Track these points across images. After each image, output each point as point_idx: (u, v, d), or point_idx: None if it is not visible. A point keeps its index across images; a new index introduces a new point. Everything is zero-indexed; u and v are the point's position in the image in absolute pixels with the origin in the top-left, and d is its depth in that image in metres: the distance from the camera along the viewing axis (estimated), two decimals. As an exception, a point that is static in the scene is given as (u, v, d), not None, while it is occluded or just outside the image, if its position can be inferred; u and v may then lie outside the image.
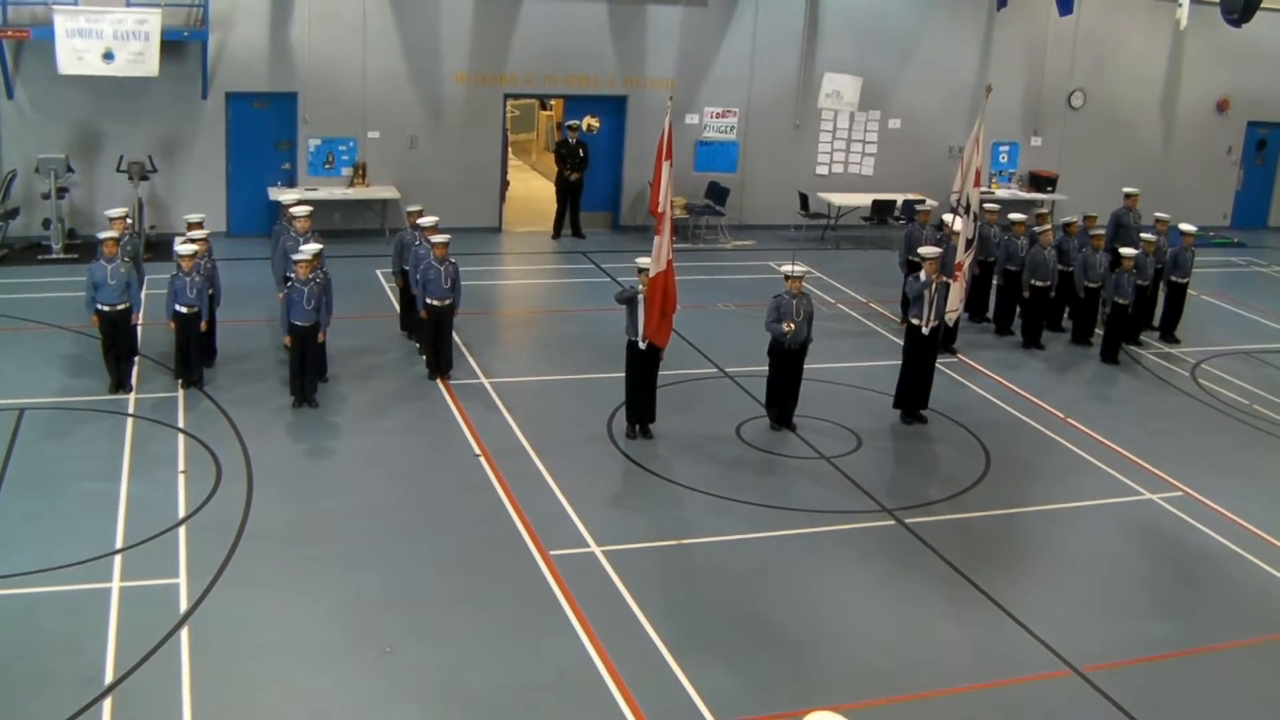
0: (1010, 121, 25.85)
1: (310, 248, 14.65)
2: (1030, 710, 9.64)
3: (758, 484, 13.13)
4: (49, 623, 9.87)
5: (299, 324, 14.18)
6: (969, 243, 15.58)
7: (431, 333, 15.34)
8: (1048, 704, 9.72)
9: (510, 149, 25.61)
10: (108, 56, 18.75)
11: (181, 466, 12.69)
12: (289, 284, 14.37)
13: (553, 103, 28.79)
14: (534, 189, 27.62)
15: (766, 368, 14.54)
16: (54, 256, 19.73)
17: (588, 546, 11.58)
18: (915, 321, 14.77)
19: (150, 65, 19.01)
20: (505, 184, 24.22)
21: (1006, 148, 25.95)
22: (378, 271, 19.63)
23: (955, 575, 11.48)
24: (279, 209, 16.99)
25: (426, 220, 16.06)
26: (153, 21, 18.86)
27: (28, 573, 10.48)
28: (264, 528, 11.57)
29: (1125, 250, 17.80)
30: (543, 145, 30.88)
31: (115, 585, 10.44)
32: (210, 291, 14.82)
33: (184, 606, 10.16)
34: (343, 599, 10.51)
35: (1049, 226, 18.50)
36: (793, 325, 14.01)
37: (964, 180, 15.50)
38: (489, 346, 16.80)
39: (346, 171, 22.11)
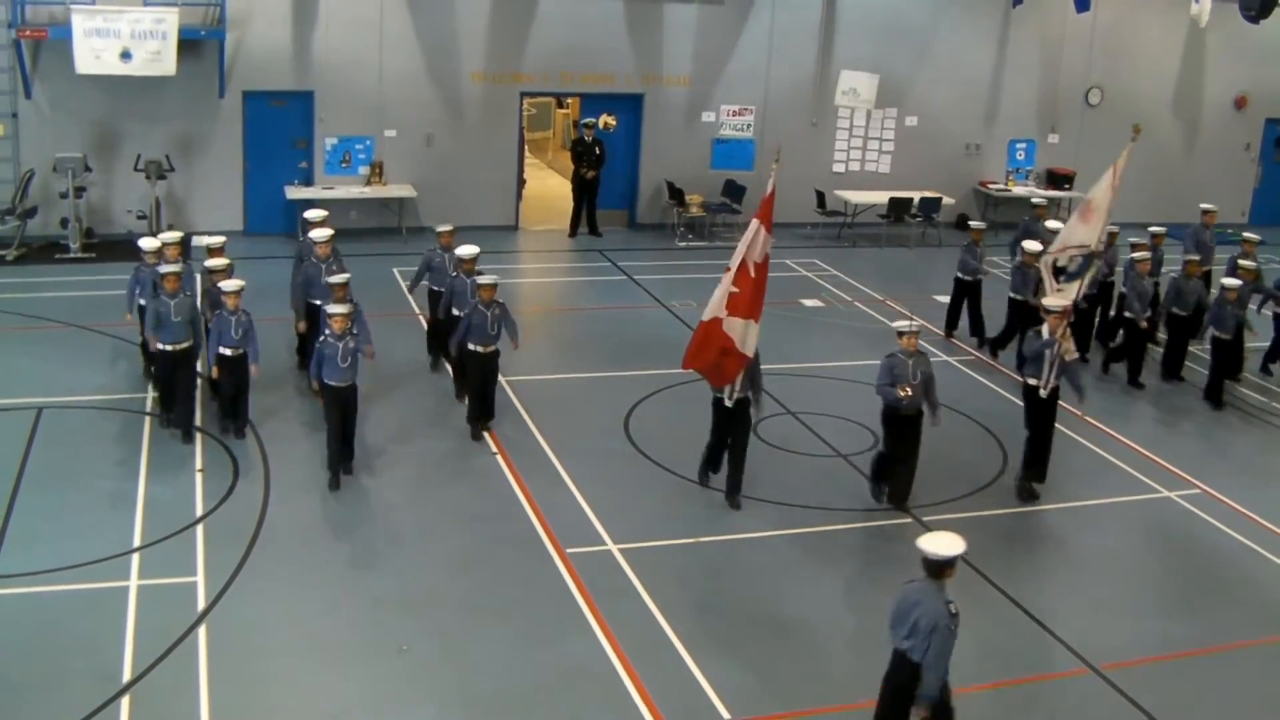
0: (1027, 118, 25.78)
1: (339, 277, 13.39)
2: (1048, 708, 9.62)
3: (774, 482, 13.08)
4: (67, 621, 9.90)
5: (335, 384, 12.35)
6: (1076, 287, 13.82)
7: (477, 382, 13.87)
8: (1065, 702, 9.69)
9: (527, 147, 25.61)
10: (125, 56, 18.82)
11: (199, 465, 12.74)
12: (322, 340, 12.42)
13: (569, 101, 28.81)
14: (550, 187, 27.62)
15: (881, 437, 13.01)
16: (72, 256, 19.81)
17: (604, 544, 11.58)
18: (1033, 382, 12.97)
19: (167, 64, 19.08)
20: (522, 182, 24.23)
21: (1024, 145, 25.86)
22: (394, 270, 19.65)
23: (973, 573, 11.41)
24: (300, 223, 16.08)
25: (466, 251, 14.36)
26: (170, 20, 18.93)
27: (46, 571, 10.52)
28: (281, 526, 11.60)
29: (1228, 281, 16.30)
30: (559, 143, 30.89)
31: (133, 584, 10.48)
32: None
33: (201, 605, 10.19)
34: (359, 598, 10.52)
35: (1148, 256, 17.04)
36: (909, 390, 12.24)
37: (1099, 231, 14.04)
38: (505, 344, 16.76)
39: (363, 170, 22.16)
